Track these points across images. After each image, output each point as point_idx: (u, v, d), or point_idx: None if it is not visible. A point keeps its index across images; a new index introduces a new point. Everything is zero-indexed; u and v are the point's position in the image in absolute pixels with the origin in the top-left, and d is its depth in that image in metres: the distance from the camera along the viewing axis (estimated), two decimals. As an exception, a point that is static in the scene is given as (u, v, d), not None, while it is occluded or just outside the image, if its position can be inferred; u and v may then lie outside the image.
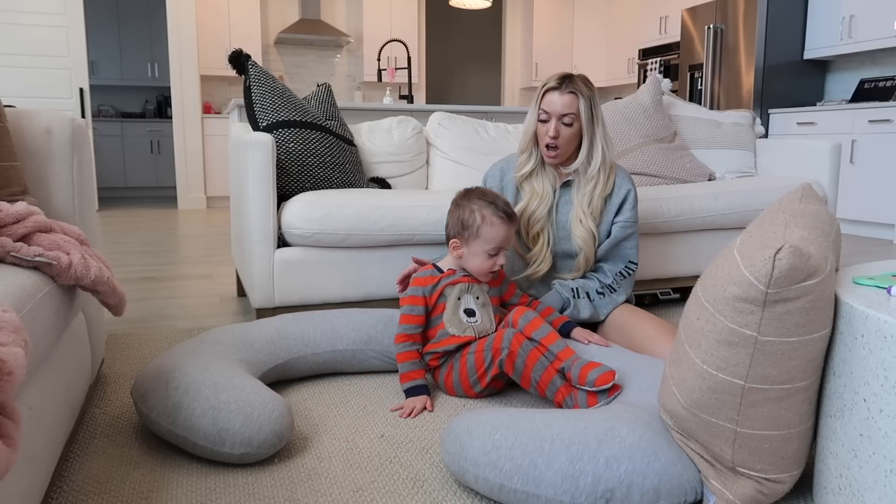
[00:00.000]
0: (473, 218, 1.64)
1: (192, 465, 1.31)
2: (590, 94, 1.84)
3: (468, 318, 1.66)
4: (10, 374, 0.75)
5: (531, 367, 1.50)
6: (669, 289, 2.65)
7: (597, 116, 1.85)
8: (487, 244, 1.64)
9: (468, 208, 1.65)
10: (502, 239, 1.64)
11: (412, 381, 1.61)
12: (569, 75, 1.85)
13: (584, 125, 1.84)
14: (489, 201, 1.65)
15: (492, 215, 1.63)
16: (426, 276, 1.69)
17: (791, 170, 2.86)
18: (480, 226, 1.63)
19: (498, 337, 1.56)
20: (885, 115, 4.54)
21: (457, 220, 1.67)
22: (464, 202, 1.68)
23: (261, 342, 1.68)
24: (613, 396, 1.42)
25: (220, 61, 6.88)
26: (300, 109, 2.29)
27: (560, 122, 1.83)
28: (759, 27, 5.23)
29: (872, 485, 0.96)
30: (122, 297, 1.42)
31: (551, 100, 1.84)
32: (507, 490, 1.12)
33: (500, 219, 1.63)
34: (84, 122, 1.72)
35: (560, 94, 1.83)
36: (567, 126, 1.83)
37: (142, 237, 4.65)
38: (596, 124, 1.86)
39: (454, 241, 1.68)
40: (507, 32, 8.32)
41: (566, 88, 1.82)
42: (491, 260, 1.65)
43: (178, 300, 2.75)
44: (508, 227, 1.65)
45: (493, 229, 1.63)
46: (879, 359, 0.94)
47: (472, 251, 1.65)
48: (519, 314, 1.61)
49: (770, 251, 0.97)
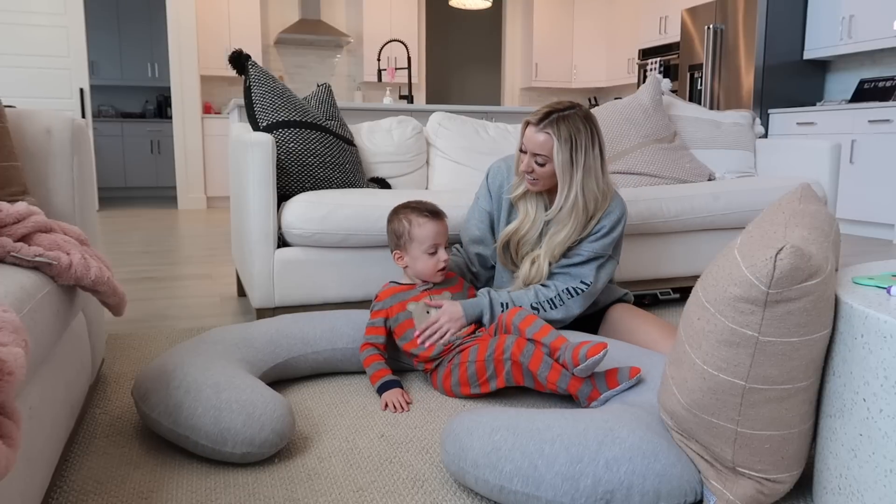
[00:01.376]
0: (402, 225, 1.74)
1: (193, 464, 1.31)
2: (570, 136, 1.68)
3: None
4: (10, 374, 0.75)
5: (536, 369, 1.49)
6: (669, 289, 2.65)
7: (575, 162, 1.69)
8: (422, 244, 1.72)
9: (396, 220, 1.77)
10: (434, 235, 1.72)
11: (381, 379, 1.66)
12: (555, 111, 1.70)
13: (559, 169, 1.70)
14: (413, 207, 1.76)
15: (417, 217, 1.73)
16: (384, 291, 1.79)
17: (791, 170, 2.86)
18: (410, 230, 1.73)
19: (499, 347, 1.54)
20: (884, 115, 4.54)
21: (391, 233, 1.78)
22: (392, 217, 1.79)
23: (261, 341, 1.68)
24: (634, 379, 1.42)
25: (220, 61, 6.88)
26: (300, 109, 2.29)
27: (533, 160, 1.73)
28: (759, 27, 5.23)
29: (872, 485, 0.96)
30: (123, 298, 1.42)
31: (528, 134, 1.74)
32: (507, 491, 1.12)
33: (426, 217, 1.73)
34: (84, 122, 1.72)
35: (535, 132, 1.71)
36: (540, 165, 1.73)
37: (142, 237, 4.65)
38: (574, 170, 1.70)
39: (396, 252, 1.78)
40: (507, 32, 8.32)
41: (544, 128, 1.70)
42: (433, 258, 1.74)
43: (178, 300, 2.75)
44: (437, 224, 1.74)
45: (422, 229, 1.72)
46: (879, 359, 0.94)
47: (413, 255, 1.75)
48: (512, 315, 1.61)
49: (771, 251, 0.97)
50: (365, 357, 1.71)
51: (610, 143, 2.71)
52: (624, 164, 2.69)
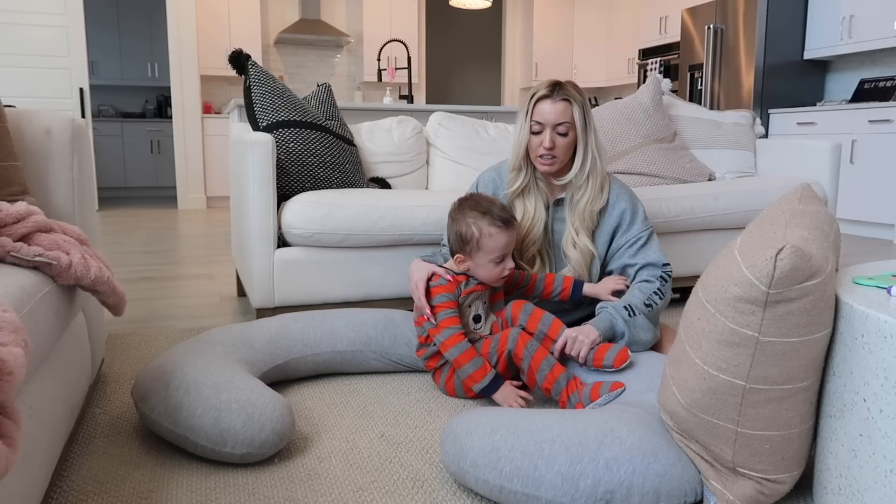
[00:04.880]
0: (471, 232, 1.59)
1: (192, 465, 1.31)
2: (582, 101, 1.73)
3: (475, 325, 1.68)
4: (10, 374, 0.75)
5: (536, 368, 1.51)
6: (669, 289, 2.65)
7: (590, 124, 1.75)
8: (491, 254, 1.60)
9: (464, 223, 1.61)
10: (504, 246, 1.60)
11: (483, 380, 1.54)
12: (558, 82, 1.74)
13: (580, 133, 1.73)
14: (483, 211, 1.60)
15: (489, 226, 1.58)
16: (449, 283, 1.63)
17: (791, 170, 2.86)
18: (480, 239, 1.59)
19: (503, 339, 1.56)
20: (885, 115, 4.54)
21: (455, 235, 1.63)
22: (458, 216, 1.63)
23: (261, 342, 1.68)
24: (617, 392, 1.42)
25: (220, 61, 6.87)
26: (300, 109, 2.29)
27: (555, 132, 1.71)
28: (759, 27, 5.23)
29: (872, 485, 0.96)
30: (122, 297, 1.42)
31: (543, 109, 1.72)
32: (507, 492, 1.12)
33: (499, 228, 1.59)
34: (84, 122, 1.72)
35: (553, 103, 1.71)
36: (562, 136, 1.72)
37: (142, 237, 4.64)
38: (589, 132, 1.75)
39: (458, 256, 1.65)
40: (507, 32, 8.31)
41: (558, 96, 1.71)
42: (499, 267, 1.62)
43: (178, 300, 2.74)
44: (508, 234, 1.60)
45: (492, 240, 1.58)
46: (879, 359, 0.94)
47: (478, 263, 1.62)
48: (518, 308, 1.61)
49: (771, 251, 0.97)
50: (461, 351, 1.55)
51: (610, 143, 2.71)
52: (624, 164, 2.68)
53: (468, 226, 1.59)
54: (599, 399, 1.42)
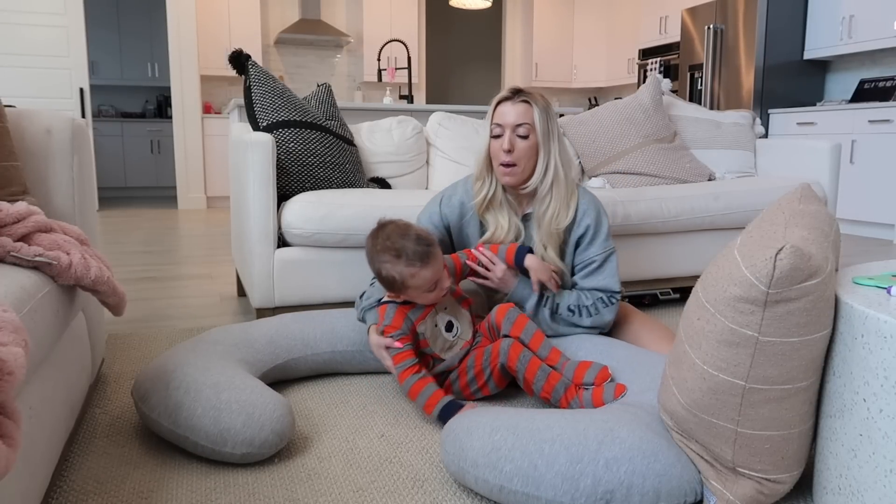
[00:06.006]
0: (391, 276, 1.50)
1: (193, 464, 1.31)
2: (545, 105, 1.70)
3: (451, 334, 1.62)
4: (10, 374, 0.75)
5: (532, 378, 1.50)
6: (669, 289, 2.65)
7: (552, 131, 1.71)
8: (420, 288, 1.51)
9: (381, 267, 1.51)
10: (430, 278, 1.50)
11: (439, 404, 1.47)
12: (521, 88, 1.73)
13: (541, 138, 1.69)
14: (397, 254, 1.48)
15: (406, 268, 1.48)
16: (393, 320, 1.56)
17: (791, 170, 2.86)
18: (403, 282, 1.50)
19: (494, 353, 1.54)
20: (885, 115, 4.54)
21: (379, 277, 1.55)
22: (374, 257, 1.53)
23: (261, 342, 1.68)
24: (619, 397, 1.42)
25: (220, 61, 6.87)
26: (300, 109, 2.29)
27: (514, 134, 1.68)
28: (759, 27, 5.23)
29: (872, 485, 0.96)
30: (122, 297, 1.42)
31: (503, 111, 1.70)
32: (507, 491, 1.12)
33: (417, 268, 1.48)
34: (84, 122, 1.72)
35: (513, 104, 1.69)
36: (522, 138, 1.68)
37: (142, 237, 4.64)
38: (552, 140, 1.70)
39: (389, 294, 1.60)
40: (507, 32, 8.31)
41: (519, 98, 1.70)
42: (434, 293, 1.54)
43: (178, 300, 2.75)
44: (431, 267, 1.49)
45: (416, 279, 1.49)
46: (879, 359, 0.94)
47: (412, 295, 1.54)
48: (502, 314, 1.58)
49: (771, 251, 0.97)
50: (408, 386, 1.50)
51: (610, 143, 2.71)
52: (624, 164, 2.68)
53: (387, 270, 1.50)
54: (604, 407, 1.41)
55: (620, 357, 1.57)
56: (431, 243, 1.51)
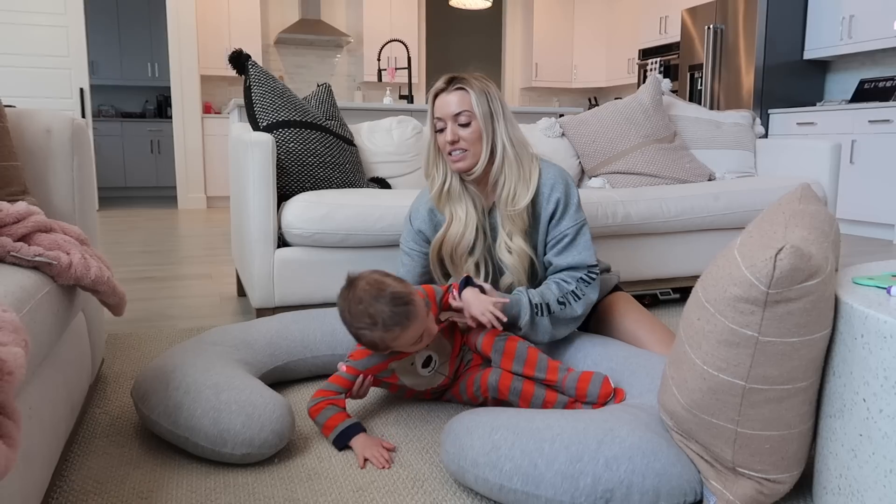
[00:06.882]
0: (373, 341, 1.37)
1: (193, 465, 1.31)
2: (483, 87, 1.61)
3: (427, 370, 1.52)
4: (10, 373, 0.75)
5: (528, 402, 1.45)
6: (669, 289, 2.65)
7: (495, 112, 1.62)
8: (405, 346, 1.40)
9: (360, 334, 1.38)
10: (413, 337, 1.38)
11: (340, 426, 1.38)
12: (455, 75, 1.64)
13: (482, 122, 1.60)
14: (372, 321, 1.34)
15: (386, 334, 1.34)
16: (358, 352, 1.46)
17: (791, 170, 2.86)
18: (385, 344, 1.38)
19: (483, 387, 1.48)
20: (885, 115, 4.54)
21: (359, 341, 1.41)
22: (350, 325, 1.38)
23: (261, 343, 1.68)
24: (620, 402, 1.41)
25: (220, 61, 6.87)
26: (300, 109, 2.29)
27: (456, 124, 1.61)
28: (759, 27, 5.23)
29: (872, 485, 0.96)
30: (122, 297, 1.42)
31: (439, 103, 1.63)
32: (506, 490, 1.12)
33: (397, 331, 1.34)
34: (84, 121, 1.72)
35: (447, 94, 1.62)
36: (464, 126, 1.61)
37: (142, 237, 4.64)
38: (496, 121, 1.62)
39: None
40: (507, 32, 8.32)
41: (454, 86, 1.62)
42: (421, 342, 1.41)
43: (178, 300, 2.75)
44: (411, 327, 1.36)
45: (398, 341, 1.36)
46: (879, 359, 0.94)
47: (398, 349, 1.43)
48: (489, 346, 1.48)
49: (771, 251, 0.97)
50: (311, 407, 1.43)
51: (610, 143, 2.71)
52: (624, 164, 2.69)
53: (366, 337, 1.37)
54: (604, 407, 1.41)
55: (619, 359, 1.56)
56: (409, 301, 1.35)
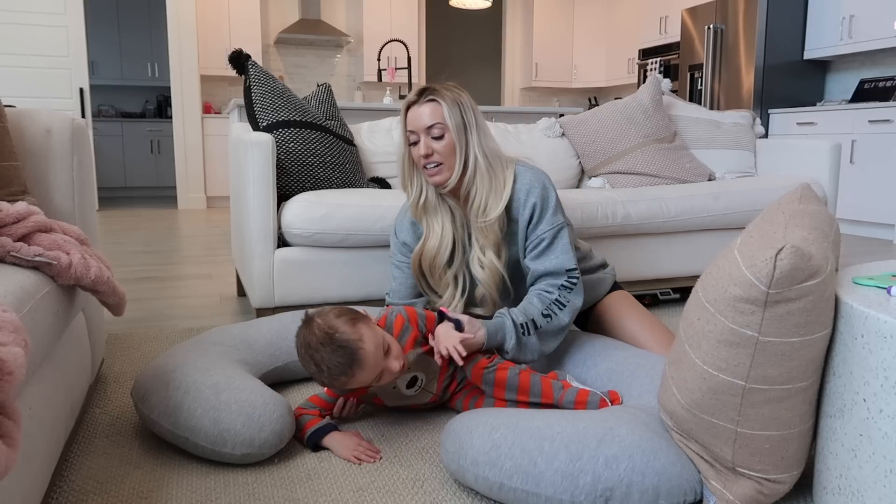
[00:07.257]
0: (337, 384, 1.33)
1: (193, 465, 1.31)
2: (455, 98, 1.58)
3: (413, 390, 1.48)
4: (10, 373, 0.75)
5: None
6: (669, 289, 2.65)
7: (468, 123, 1.59)
8: (361, 384, 1.34)
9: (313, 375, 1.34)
10: (366, 379, 1.32)
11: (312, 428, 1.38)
12: (427, 87, 1.61)
13: (455, 134, 1.57)
14: (317, 368, 1.30)
15: (331, 380, 1.31)
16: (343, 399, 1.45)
17: (791, 170, 2.86)
18: (336, 387, 1.36)
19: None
20: (885, 115, 4.54)
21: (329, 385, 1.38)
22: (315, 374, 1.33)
23: (261, 343, 1.68)
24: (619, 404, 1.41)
25: (220, 61, 6.87)
26: (300, 109, 2.29)
27: (429, 137, 1.57)
28: (759, 27, 5.23)
29: (872, 485, 0.96)
30: (122, 297, 1.42)
31: (411, 116, 1.60)
32: (506, 489, 1.12)
33: (345, 378, 1.30)
34: (84, 121, 1.72)
35: (419, 106, 1.59)
36: (437, 139, 1.57)
37: (142, 237, 4.64)
38: (469, 132, 1.59)
39: None
40: (507, 32, 8.32)
41: (425, 98, 1.59)
42: (381, 380, 1.35)
43: (179, 300, 2.75)
44: (360, 373, 1.29)
45: (350, 384, 1.32)
46: (879, 359, 0.94)
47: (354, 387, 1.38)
48: (477, 377, 1.44)
49: (771, 251, 0.97)
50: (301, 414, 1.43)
51: (610, 143, 2.71)
52: (624, 164, 2.69)
53: (318, 379, 1.34)
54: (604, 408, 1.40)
55: (619, 359, 1.56)
56: (355, 349, 1.28)
